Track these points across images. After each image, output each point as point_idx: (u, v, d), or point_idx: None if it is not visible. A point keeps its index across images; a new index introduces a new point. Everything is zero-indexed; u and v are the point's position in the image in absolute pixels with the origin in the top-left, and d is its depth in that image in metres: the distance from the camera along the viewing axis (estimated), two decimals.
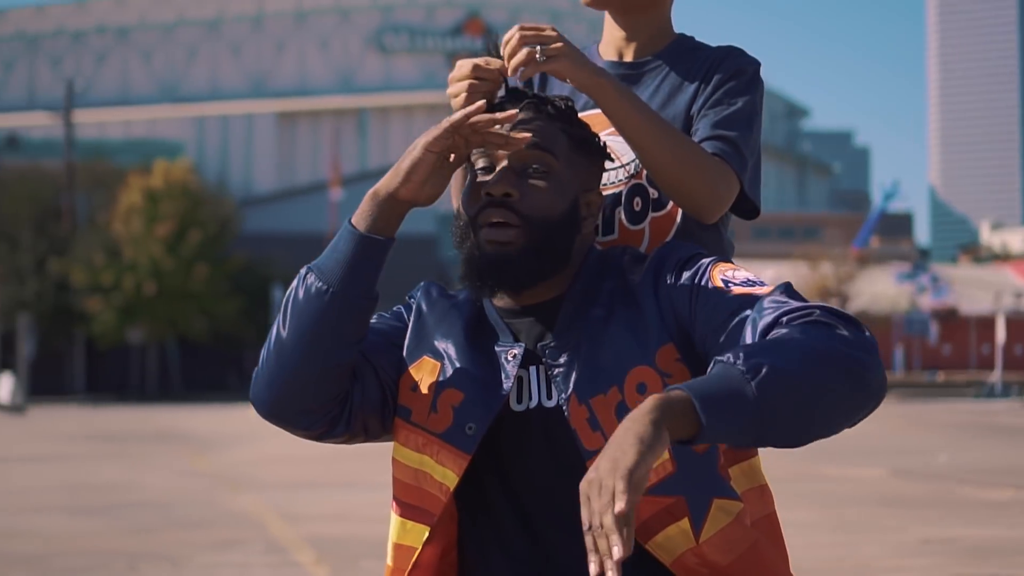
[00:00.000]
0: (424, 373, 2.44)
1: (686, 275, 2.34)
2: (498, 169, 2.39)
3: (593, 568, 1.92)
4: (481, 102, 2.36)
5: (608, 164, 2.56)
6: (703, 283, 2.32)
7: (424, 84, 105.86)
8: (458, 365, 2.41)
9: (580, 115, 2.51)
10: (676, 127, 2.52)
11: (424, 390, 2.42)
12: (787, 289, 2.29)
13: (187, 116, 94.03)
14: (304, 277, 2.38)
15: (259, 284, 50.24)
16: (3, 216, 52.70)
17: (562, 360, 2.35)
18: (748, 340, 2.22)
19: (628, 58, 2.67)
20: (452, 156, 2.37)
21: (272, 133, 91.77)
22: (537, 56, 2.38)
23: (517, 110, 2.42)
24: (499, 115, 2.37)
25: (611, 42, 2.69)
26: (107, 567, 8.03)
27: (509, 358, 2.39)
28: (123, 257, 48.85)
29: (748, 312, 2.26)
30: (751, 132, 2.54)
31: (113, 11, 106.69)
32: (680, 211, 2.55)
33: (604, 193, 2.58)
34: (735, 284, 2.31)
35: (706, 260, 2.37)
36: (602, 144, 2.50)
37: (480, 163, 2.42)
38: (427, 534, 2.38)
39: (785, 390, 2.06)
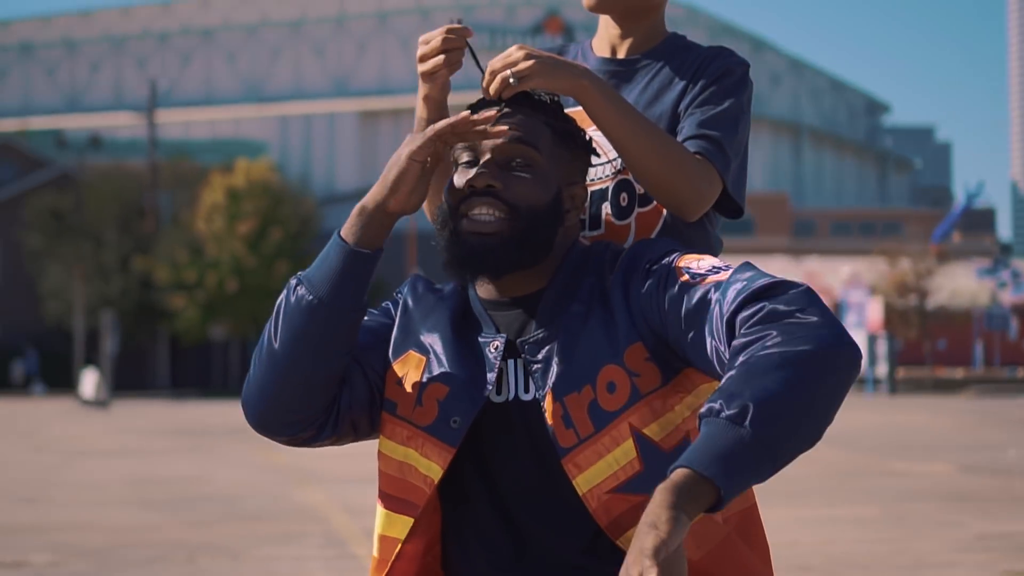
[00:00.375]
0: (410, 367, 2.46)
1: (653, 278, 2.35)
2: (482, 162, 2.41)
3: None
4: (465, 113, 2.42)
5: (595, 159, 2.58)
6: (668, 283, 2.33)
7: None
8: (443, 359, 2.43)
9: (568, 111, 2.53)
10: (659, 126, 2.54)
11: (409, 384, 2.45)
12: (742, 267, 2.30)
13: (271, 115, 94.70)
14: (294, 288, 2.42)
15: None
16: (88, 215, 53.39)
17: (540, 356, 2.37)
18: (709, 341, 2.24)
19: (621, 55, 2.70)
20: (430, 160, 2.40)
21: (354, 132, 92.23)
22: (511, 80, 2.42)
23: (496, 110, 2.44)
24: (479, 116, 2.40)
25: (605, 39, 2.73)
26: (167, 559, 8.11)
27: (492, 350, 2.41)
28: (205, 255, 49.34)
29: (710, 306, 2.26)
30: (736, 133, 2.56)
31: (197, 13, 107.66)
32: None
33: (591, 188, 2.60)
34: (699, 275, 2.31)
35: (671, 257, 2.37)
36: (587, 138, 2.52)
37: (464, 157, 2.44)
38: (411, 526, 2.40)
39: (776, 417, 2.06)
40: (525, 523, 2.39)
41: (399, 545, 2.42)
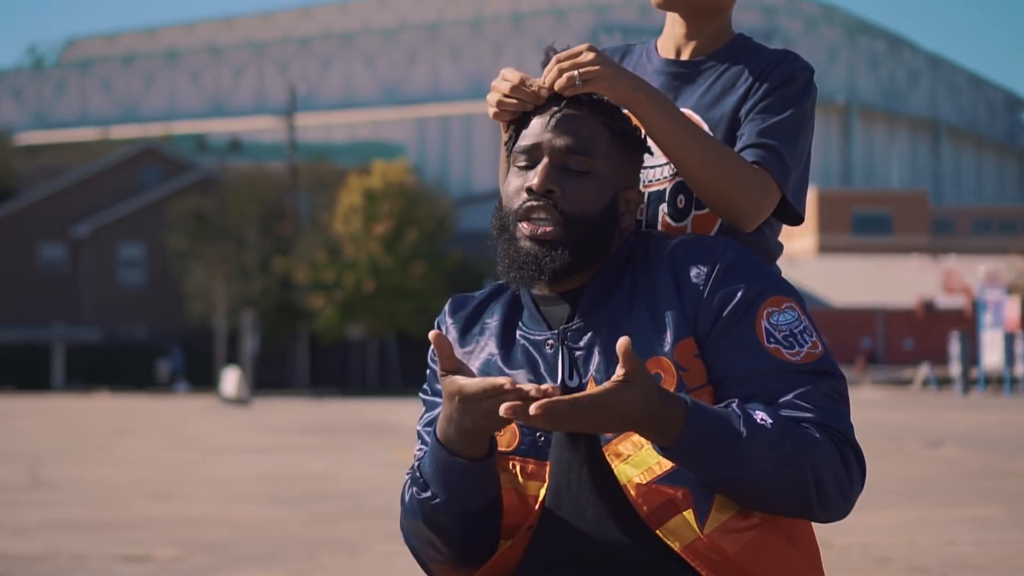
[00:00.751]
0: None
1: (724, 290, 2.36)
2: (540, 166, 2.41)
3: None
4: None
5: (653, 161, 2.56)
6: (746, 318, 2.35)
7: None
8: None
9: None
10: (714, 136, 2.51)
11: None
12: (831, 389, 2.37)
13: (408, 118, 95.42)
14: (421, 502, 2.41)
15: (474, 280, 50.81)
16: (230, 217, 54.24)
17: (583, 343, 2.39)
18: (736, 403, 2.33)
19: (685, 56, 2.66)
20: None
21: (490, 133, 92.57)
22: (576, 82, 2.41)
23: (556, 108, 2.44)
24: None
25: (671, 39, 2.69)
26: (287, 554, 8.21)
27: (547, 349, 2.42)
28: (343, 255, 49.87)
29: (770, 381, 2.34)
30: (797, 142, 2.53)
31: (337, 17, 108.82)
32: None
33: (648, 190, 2.59)
34: (773, 339, 2.34)
35: (757, 288, 2.37)
36: (643, 138, 2.50)
37: (521, 161, 2.44)
38: (511, 544, 2.42)
39: (757, 480, 2.25)
40: (571, 512, 2.39)
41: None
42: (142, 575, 7.55)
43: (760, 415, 2.26)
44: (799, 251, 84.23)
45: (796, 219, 2.58)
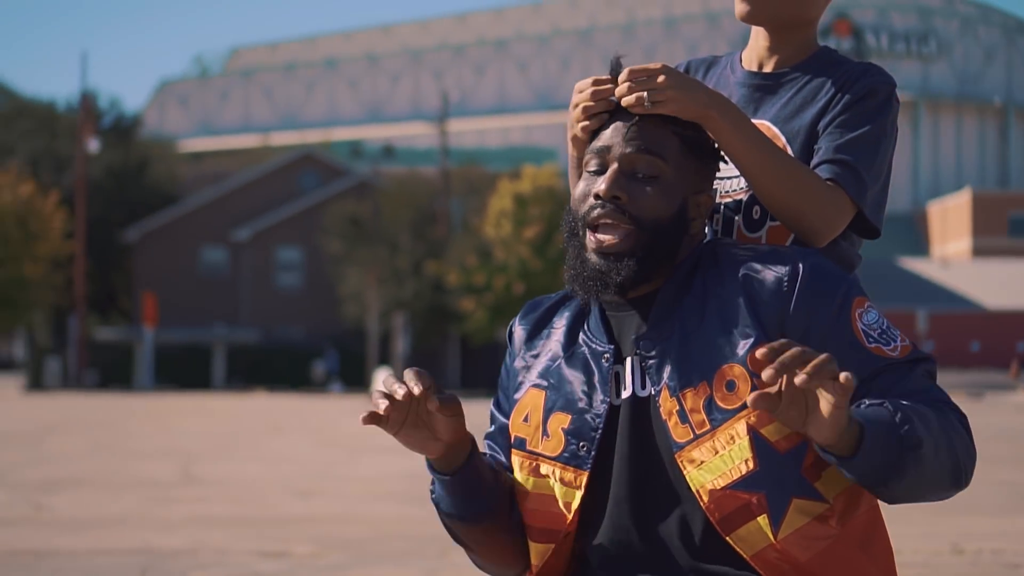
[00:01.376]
0: (532, 403, 2.53)
1: (809, 298, 2.36)
2: (609, 171, 2.42)
3: None
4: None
5: (730, 172, 2.57)
6: (839, 325, 2.36)
7: None
8: (560, 388, 2.48)
9: None
10: (787, 152, 2.51)
11: (534, 420, 2.52)
12: (929, 365, 2.41)
13: (560, 123, 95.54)
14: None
15: None
16: (384, 221, 54.87)
17: (654, 352, 2.39)
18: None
19: (768, 68, 2.66)
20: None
21: None
22: (645, 103, 2.42)
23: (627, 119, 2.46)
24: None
25: (755, 51, 2.69)
26: (420, 552, 8.29)
27: (604, 362, 2.45)
28: (494, 259, 50.14)
29: (881, 378, 2.36)
30: (875, 158, 2.51)
31: (491, 24, 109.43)
32: None
33: (724, 200, 2.60)
34: (872, 338, 2.36)
35: (841, 291, 2.38)
36: (715, 146, 2.50)
37: (591, 166, 2.46)
38: (552, 549, 2.48)
39: (918, 467, 2.25)
40: (640, 520, 2.40)
41: (538, 569, 2.51)
42: (279, 570, 7.68)
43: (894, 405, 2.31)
44: (953, 254, 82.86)
45: (874, 233, 2.57)
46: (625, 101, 2.43)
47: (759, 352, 2.09)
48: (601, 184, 2.41)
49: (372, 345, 51.71)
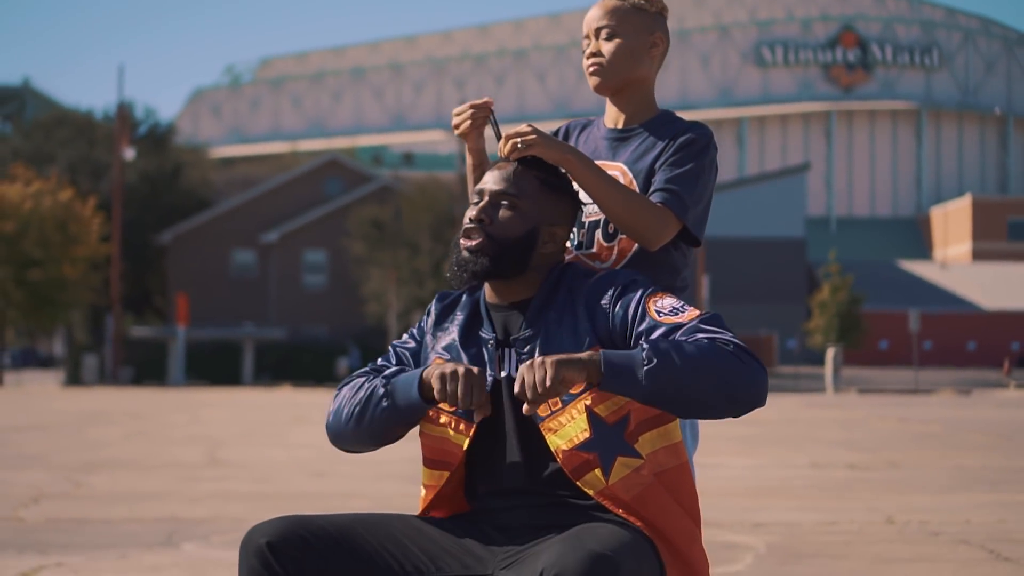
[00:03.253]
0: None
1: (623, 302, 3.16)
2: (481, 203, 3.26)
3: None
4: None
5: (590, 200, 3.39)
6: (639, 313, 3.14)
7: (799, 95, 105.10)
8: (461, 358, 3.27)
9: None
10: (625, 186, 3.34)
11: None
12: (710, 319, 3.10)
13: None
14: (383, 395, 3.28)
15: None
16: (405, 224, 55.49)
17: (526, 350, 3.20)
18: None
19: (619, 126, 3.52)
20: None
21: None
22: (519, 145, 3.26)
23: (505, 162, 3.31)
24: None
25: (610, 114, 3.56)
26: None
27: (489, 347, 3.25)
28: None
29: (672, 333, 3.10)
30: (695, 186, 3.36)
31: (512, 35, 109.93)
32: None
33: (589, 220, 3.44)
34: (664, 313, 3.12)
35: (639, 293, 3.17)
36: (573, 190, 3.33)
37: (474, 198, 3.28)
38: (447, 476, 3.27)
39: (665, 381, 2.95)
40: (517, 464, 3.21)
41: (438, 489, 3.28)
42: None
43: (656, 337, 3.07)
44: (954, 257, 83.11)
45: (696, 242, 3.43)
46: (505, 150, 3.28)
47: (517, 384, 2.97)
48: (473, 211, 3.26)
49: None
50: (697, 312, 3.11)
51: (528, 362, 2.94)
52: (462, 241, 3.25)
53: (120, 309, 55.73)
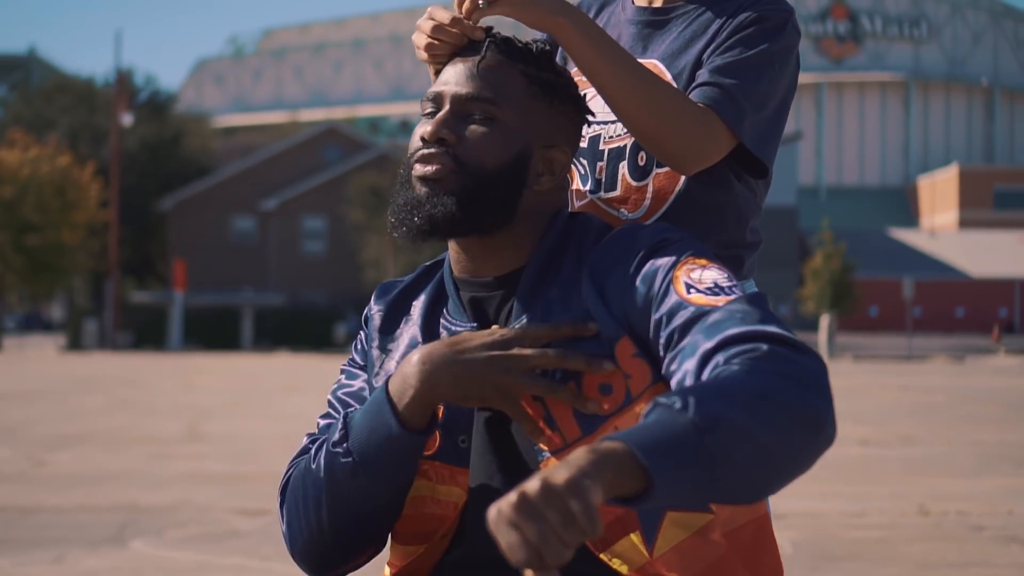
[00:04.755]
0: None
1: (646, 273, 1.88)
2: (439, 114, 1.97)
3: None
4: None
5: (613, 116, 2.10)
6: (663, 287, 1.86)
7: None
8: None
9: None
10: (649, 70, 2.06)
11: None
12: (752, 299, 1.82)
13: None
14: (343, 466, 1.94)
15: None
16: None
17: None
18: (689, 365, 1.79)
19: (658, 3, 2.21)
20: None
21: None
22: (480, 3, 1.98)
23: (473, 56, 1.99)
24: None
25: None
26: None
27: None
28: None
29: (698, 329, 1.80)
30: (758, 83, 2.06)
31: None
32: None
33: (607, 147, 2.15)
34: (697, 291, 1.83)
35: (669, 258, 1.89)
36: (578, 94, 2.05)
37: (427, 107, 1.99)
38: (421, 552, 1.99)
39: (739, 443, 1.62)
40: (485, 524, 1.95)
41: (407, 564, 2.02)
42: (254, 528, 7.36)
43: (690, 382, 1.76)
44: (941, 225, 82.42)
45: (760, 170, 2.11)
46: (463, 9, 2.00)
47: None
48: (428, 125, 1.97)
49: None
50: (746, 292, 1.85)
51: (517, 494, 1.47)
52: (416, 168, 1.97)
53: (119, 274, 54.91)
